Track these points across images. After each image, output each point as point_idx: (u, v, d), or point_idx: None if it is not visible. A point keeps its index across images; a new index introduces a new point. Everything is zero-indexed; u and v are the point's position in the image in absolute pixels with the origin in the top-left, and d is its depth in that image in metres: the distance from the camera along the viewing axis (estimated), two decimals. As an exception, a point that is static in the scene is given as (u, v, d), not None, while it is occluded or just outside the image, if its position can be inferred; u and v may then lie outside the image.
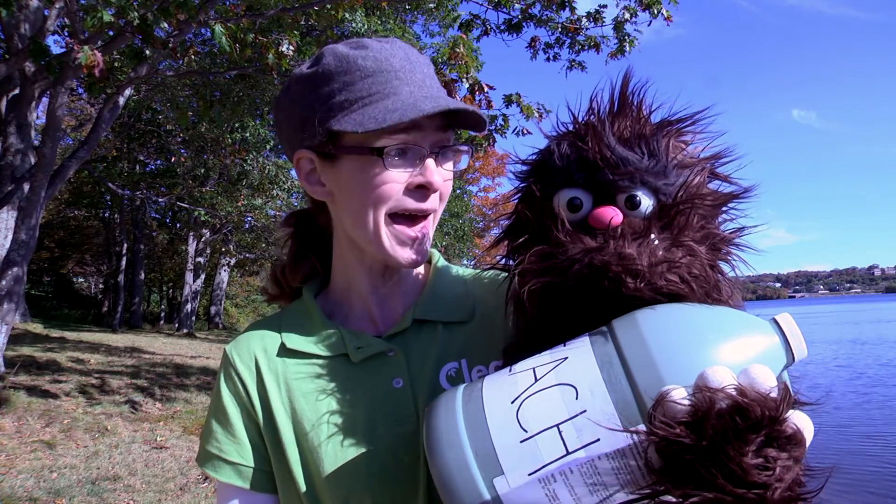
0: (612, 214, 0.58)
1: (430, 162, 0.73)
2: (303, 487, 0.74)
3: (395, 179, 0.72)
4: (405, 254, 0.75)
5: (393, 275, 0.82)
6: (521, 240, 0.65)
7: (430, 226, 0.77)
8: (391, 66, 0.72)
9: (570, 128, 0.66)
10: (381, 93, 0.71)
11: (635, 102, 0.64)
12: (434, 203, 0.75)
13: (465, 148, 0.78)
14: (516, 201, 0.69)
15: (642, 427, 0.47)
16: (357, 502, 0.71)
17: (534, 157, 0.68)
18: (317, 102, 0.74)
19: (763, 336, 0.52)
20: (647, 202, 0.59)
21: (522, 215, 0.65)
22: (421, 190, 0.73)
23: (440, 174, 0.74)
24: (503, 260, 0.71)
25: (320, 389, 0.77)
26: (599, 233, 0.58)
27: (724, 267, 0.62)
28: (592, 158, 0.60)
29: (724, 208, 0.62)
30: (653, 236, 0.57)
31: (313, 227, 0.90)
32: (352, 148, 0.72)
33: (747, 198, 0.62)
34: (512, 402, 0.53)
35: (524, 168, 0.69)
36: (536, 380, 0.53)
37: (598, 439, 0.49)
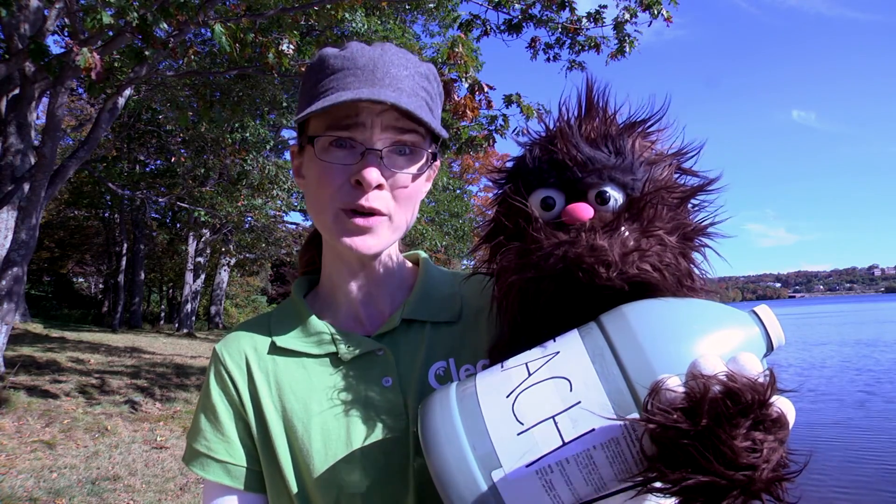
0: (583, 209, 0.61)
1: (369, 160, 0.72)
2: (293, 487, 0.75)
3: (332, 171, 0.73)
4: (348, 240, 0.74)
5: (372, 273, 0.82)
6: (498, 241, 0.68)
7: (382, 225, 0.75)
8: (354, 65, 0.74)
9: (543, 133, 0.69)
10: (335, 88, 0.73)
11: (601, 105, 0.67)
12: (379, 203, 0.73)
13: (422, 151, 0.76)
14: (495, 208, 0.71)
15: (637, 415, 0.49)
16: (347, 501, 0.72)
17: (510, 163, 0.71)
18: (299, 97, 0.80)
19: (744, 326, 0.55)
20: (616, 197, 0.63)
21: (499, 219, 0.68)
22: (359, 187, 0.73)
23: (381, 173, 0.73)
24: (487, 265, 0.72)
25: (310, 388, 0.77)
26: (572, 228, 0.61)
27: (699, 257, 0.65)
28: (562, 159, 0.64)
29: (692, 200, 0.64)
30: (623, 228, 0.59)
31: None
32: (306, 138, 0.76)
33: (712, 189, 0.65)
34: (507, 396, 0.54)
35: (501, 175, 0.71)
36: (530, 374, 0.55)
37: (593, 429, 0.50)
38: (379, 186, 0.73)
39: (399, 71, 0.75)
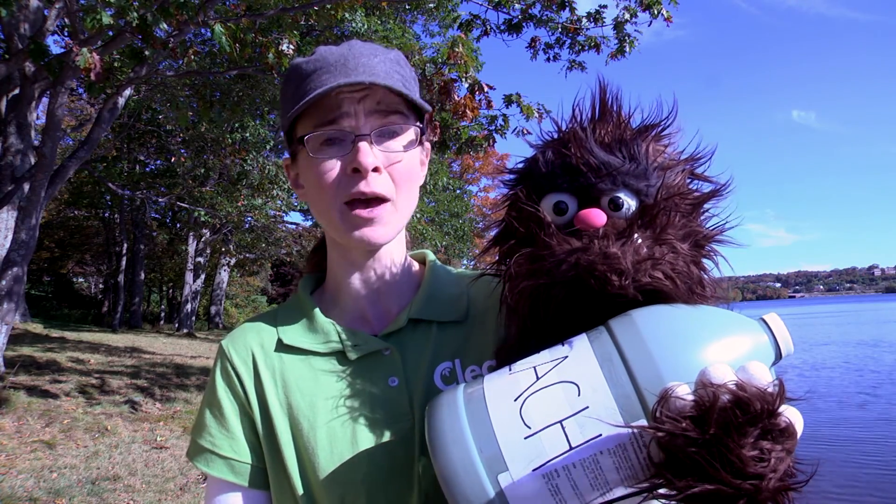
0: (596, 216, 0.60)
1: (361, 145, 0.73)
2: (298, 485, 0.75)
3: (329, 167, 0.75)
4: (357, 233, 0.75)
5: (379, 270, 0.83)
6: (509, 244, 0.67)
7: (386, 211, 0.76)
8: (325, 63, 0.75)
9: (555, 136, 0.68)
10: (312, 88, 0.74)
11: (615, 108, 0.66)
12: (379, 187, 0.75)
13: (407, 126, 0.77)
14: (505, 209, 0.70)
15: (644, 422, 0.49)
16: (352, 501, 0.72)
17: (521, 165, 0.70)
18: (282, 112, 0.81)
19: (753, 334, 0.55)
20: (629, 203, 0.62)
21: (510, 222, 0.67)
22: (357, 174, 0.74)
23: (375, 156, 0.74)
24: (495, 266, 0.72)
25: (317, 387, 0.77)
26: (584, 234, 0.60)
27: (708, 263, 0.64)
28: (576, 164, 0.63)
29: (704, 206, 0.64)
30: (636, 235, 0.59)
31: None
32: (296, 144, 0.78)
33: (725, 195, 0.65)
34: (515, 400, 0.54)
35: (511, 176, 0.71)
36: (538, 378, 0.54)
37: (601, 434, 0.50)
38: (376, 170, 0.74)
39: (369, 59, 0.76)
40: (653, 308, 0.57)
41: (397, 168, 0.77)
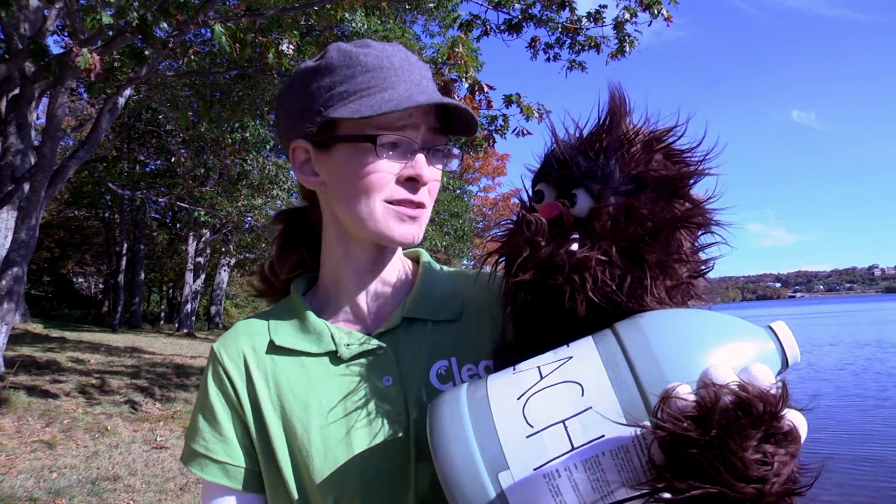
0: (548, 207, 0.64)
1: (420, 156, 0.75)
2: (292, 487, 0.74)
3: (387, 169, 0.74)
4: (400, 229, 0.75)
5: (380, 271, 0.82)
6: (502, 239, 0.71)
7: (424, 216, 0.78)
8: (391, 64, 0.75)
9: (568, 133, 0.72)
10: (379, 86, 0.74)
11: (617, 114, 0.67)
12: (424, 197, 0.77)
13: (456, 151, 0.81)
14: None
15: (647, 423, 0.49)
16: (347, 502, 0.71)
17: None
18: (318, 92, 0.76)
19: (760, 341, 0.54)
20: (583, 202, 0.63)
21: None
22: (411, 182, 0.75)
23: (430, 170, 0.76)
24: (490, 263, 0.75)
25: (310, 387, 0.77)
26: (531, 225, 0.64)
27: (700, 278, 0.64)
28: (558, 157, 0.66)
29: (696, 219, 0.62)
30: (574, 235, 0.61)
31: (304, 223, 0.91)
32: (347, 136, 0.75)
33: (689, 223, 0.62)
34: (518, 399, 0.53)
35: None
36: (542, 377, 0.54)
37: (603, 435, 0.50)
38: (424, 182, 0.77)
39: (425, 72, 0.79)
40: (660, 313, 0.57)
41: (435, 185, 0.79)
